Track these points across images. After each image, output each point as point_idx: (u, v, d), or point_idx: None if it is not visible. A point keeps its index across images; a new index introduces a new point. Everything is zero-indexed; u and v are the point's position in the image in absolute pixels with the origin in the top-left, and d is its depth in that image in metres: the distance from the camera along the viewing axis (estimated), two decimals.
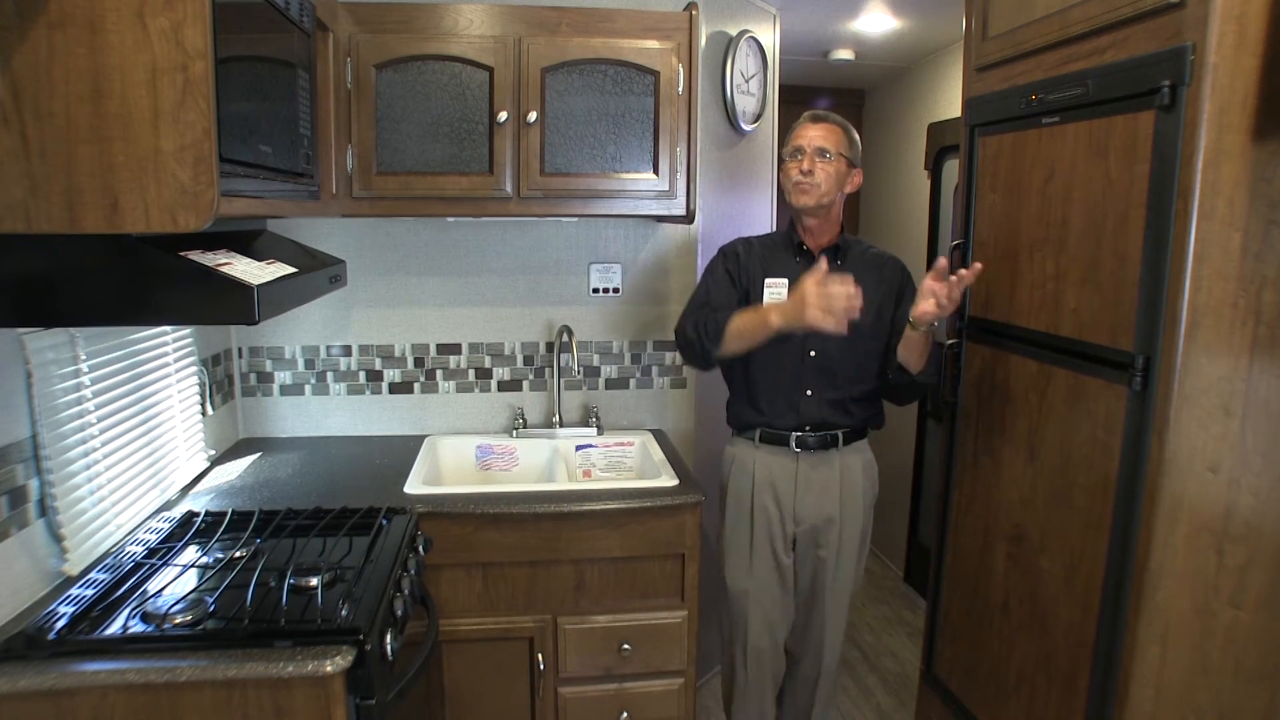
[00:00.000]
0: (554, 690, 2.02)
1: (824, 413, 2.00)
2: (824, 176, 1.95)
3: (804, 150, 1.97)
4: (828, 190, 1.96)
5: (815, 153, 1.96)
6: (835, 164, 1.96)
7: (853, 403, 2.02)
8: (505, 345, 2.54)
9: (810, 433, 2.01)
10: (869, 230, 4.20)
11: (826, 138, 1.97)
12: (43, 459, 1.45)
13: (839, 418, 2.01)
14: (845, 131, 2.01)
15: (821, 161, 1.95)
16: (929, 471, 3.51)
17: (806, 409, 2.00)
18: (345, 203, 2.04)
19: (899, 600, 3.59)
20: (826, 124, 2.00)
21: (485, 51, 2.04)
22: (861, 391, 2.03)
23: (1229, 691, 1.50)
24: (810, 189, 1.96)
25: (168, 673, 1.23)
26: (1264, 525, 1.46)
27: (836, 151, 1.96)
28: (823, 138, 1.97)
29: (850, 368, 2.00)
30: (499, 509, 1.91)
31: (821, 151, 1.96)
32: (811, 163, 1.95)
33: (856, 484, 2.05)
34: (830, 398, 2.00)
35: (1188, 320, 1.37)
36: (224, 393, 2.36)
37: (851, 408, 2.02)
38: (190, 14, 1.13)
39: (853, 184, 2.03)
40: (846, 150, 1.99)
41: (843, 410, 2.01)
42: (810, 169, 1.95)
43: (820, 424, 2.01)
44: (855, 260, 2.04)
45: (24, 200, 1.15)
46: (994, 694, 1.91)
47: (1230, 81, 1.30)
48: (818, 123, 2.00)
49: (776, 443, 2.03)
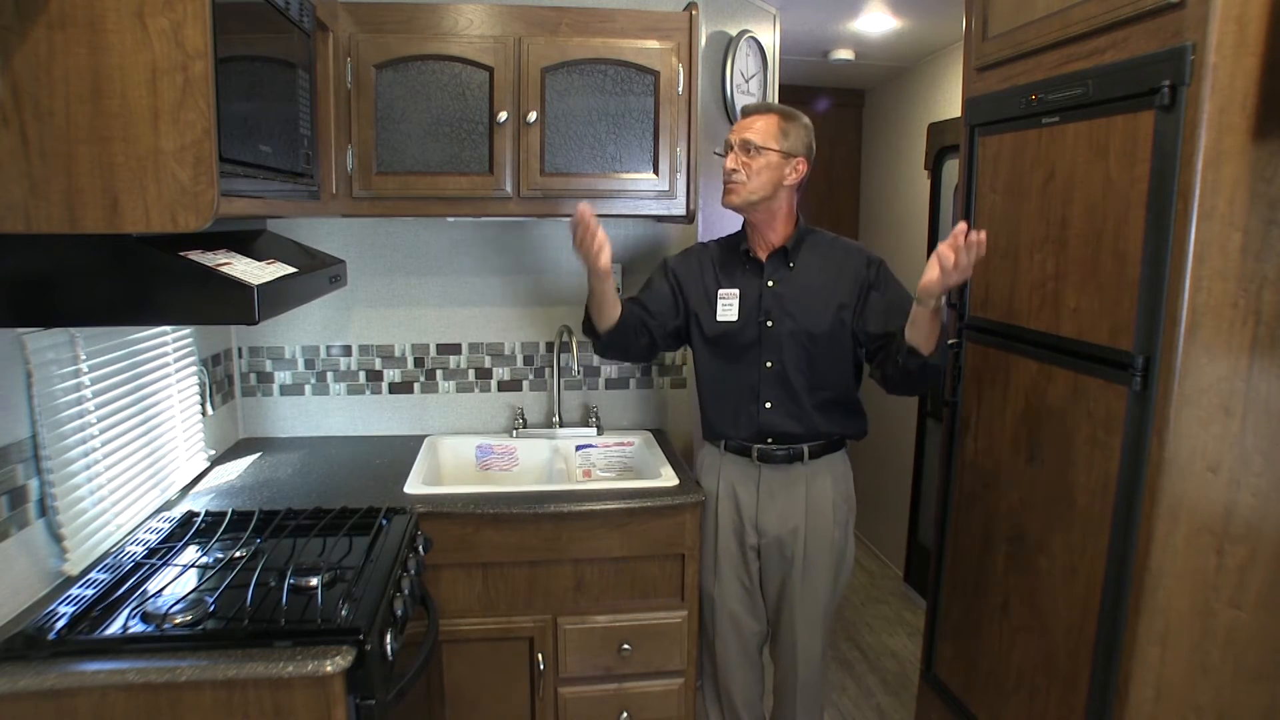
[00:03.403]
0: (554, 690, 2.02)
1: (786, 425, 1.91)
2: (751, 173, 1.84)
3: (731, 146, 1.87)
4: (757, 187, 1.85)
5: (740, 148, 1.85)
6: (765, 158, 1.84)
7: (818, 413, 1.91)
8: (505, 345, 2.54)
9: (774, 445, 1.92)
10: (869, 230, 4.20)
11: (755, 130, 1.85)
12: (43, 459, 1.45)
13: (803, 430, 1.91)
14: (782, 120, 1.87)
15: (747, 157, 1.84)
16: (929, 471, 3.51)
17: (767, 421, 1.92)
18: (345, 203, 2.04)
19: (899, 600, 3.59)
20: (759, 114, 1.88)
21: (485, 51, 2.04)
22: (825, 400, 1.92)
23: (1229, 691, 1.50)
24: (735, 188, 1.86)
25: (168, 673, 1.23)
26: (1264, 525, 1.46)
27: (765, 145, 1.84)
28: (750, 130, 1.85)
29: (811, 376, 1.90)
30: (499, 509, 1.91)
31: (746, 146, 1.84)
32: (735, 160, 1.85)
33: (825, 498, 1.93)
34: (791, 410, 1.91)
35: (1188, 320, 1.37)
36: (224, 393, 2.36)
37: (817, 419, 1.91)
38: (190, 14, 1.13)
39: (794, 175, 1.88)
40: (780, 141, 1.85)
41: (806, 422, 1.91)
42: (734, 166, 1.85)
43: (783, 436, 1.92)
44: (810, 258, 1.93)
45: (24, 200, 1.15)
46: (994, 694, 1.91)
47: (1230, 81, 1.31)
48: (750, 115, 1.90)
49: (740, 453, 1.96)
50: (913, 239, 3.64)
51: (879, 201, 4.08)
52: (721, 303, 1.96)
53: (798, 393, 1.91)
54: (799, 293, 1.91)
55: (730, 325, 1.94)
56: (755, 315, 1.93)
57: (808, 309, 1.89)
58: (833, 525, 1.95)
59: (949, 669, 2.12)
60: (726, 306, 1.95)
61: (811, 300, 1.90)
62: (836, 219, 4.30)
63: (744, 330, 1.94)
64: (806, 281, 1.92)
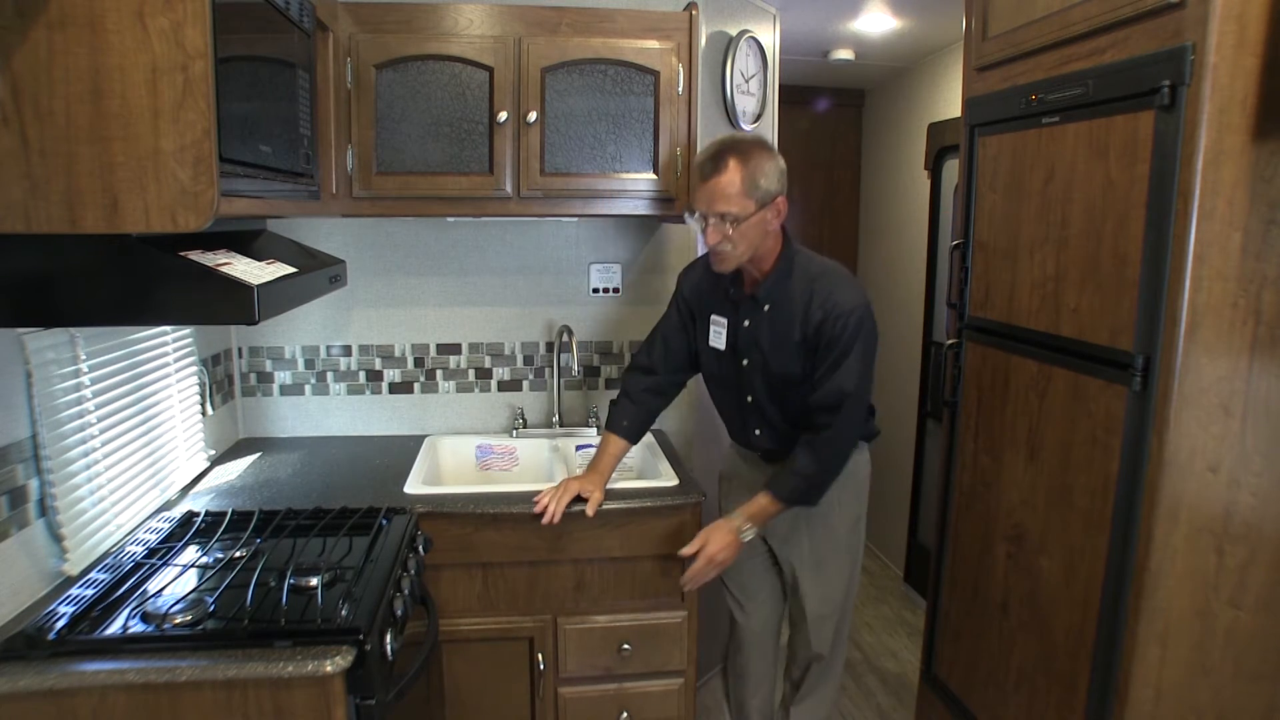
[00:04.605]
0: (554, 690, 2.02)
1: (779, 445, 1.94)
2: (738, 240, 1.75)
3: (706, 218, 1.76)
4: (745, 250, 1.77)
5: (717, 222, 1.74)
6: (746, 221, 1.73)
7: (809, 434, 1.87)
8: (505, 345, 2.54)
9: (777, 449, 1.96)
10: (869, 231, 4.21)
11: (726, 196, 1.71)
12: (43, 459, 1.45)
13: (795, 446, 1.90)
14: (746, 167, 1.71)
15: (730, 226, 1.73)
16: (929, 471, 3.51)
17: (760, 443, 1.98)
18: (345, 203, 2.04)
19: (899, 600, 3.59)
20: (720, 174, 1.72)
21: (485, 51, 2.04)
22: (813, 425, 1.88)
23: (1229, 691, 1.50)
24: (727, 257, 1.78)
25: (168, 673, 1.23)
26: (1264, 525, 1.46)
27: (742, 210, 1.72)
28: (721, 199, 1.72)
29: (791, 410, 1.90)
30: (499, 509, 1.91)
31: (723, 217, 1.73)
32: (718, 232, 1.74)
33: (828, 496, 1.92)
34: (778, 435, 1.94)
35: (1188, 320, 1.37)
36: (224, 393, 2.36)
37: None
38: (190, 14, 1.13)
39: (777, 218, 1.79)
40: (754, 193, 1.72)
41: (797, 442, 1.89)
42: (719, 239, 1.75)
43: (777, 453, 1.95)
44: (783, 296, 1.84)
45: (24, 200, 1.15)
46: (994, 694, 1.91)
47: (1230, 81, 1.31)
48: (709, 178, 1.73)
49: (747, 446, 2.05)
50: (913, 239, 3.64)
51: (879, 202, 4.08)
52: (713, 328, 1.97)
53: (781, 424, 1.92)
54: (769, 334, 1.87)
55: (719, 352, 1.97)
56: (733, 353, 1.94)
57: (777, 350, 1.86)
58: (837, 521, 1.98)
59: (949, 669, 2.12)
60: (717, 334, 1.96)
61: (781, 342, 1.85)
62: (836, 220, 4.30)
63: (726, 364, 1.97)
64: (777, 323, 1.85)
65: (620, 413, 2.05)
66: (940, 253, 3.39)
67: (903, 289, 3.75)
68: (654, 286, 2.56)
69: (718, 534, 1.86)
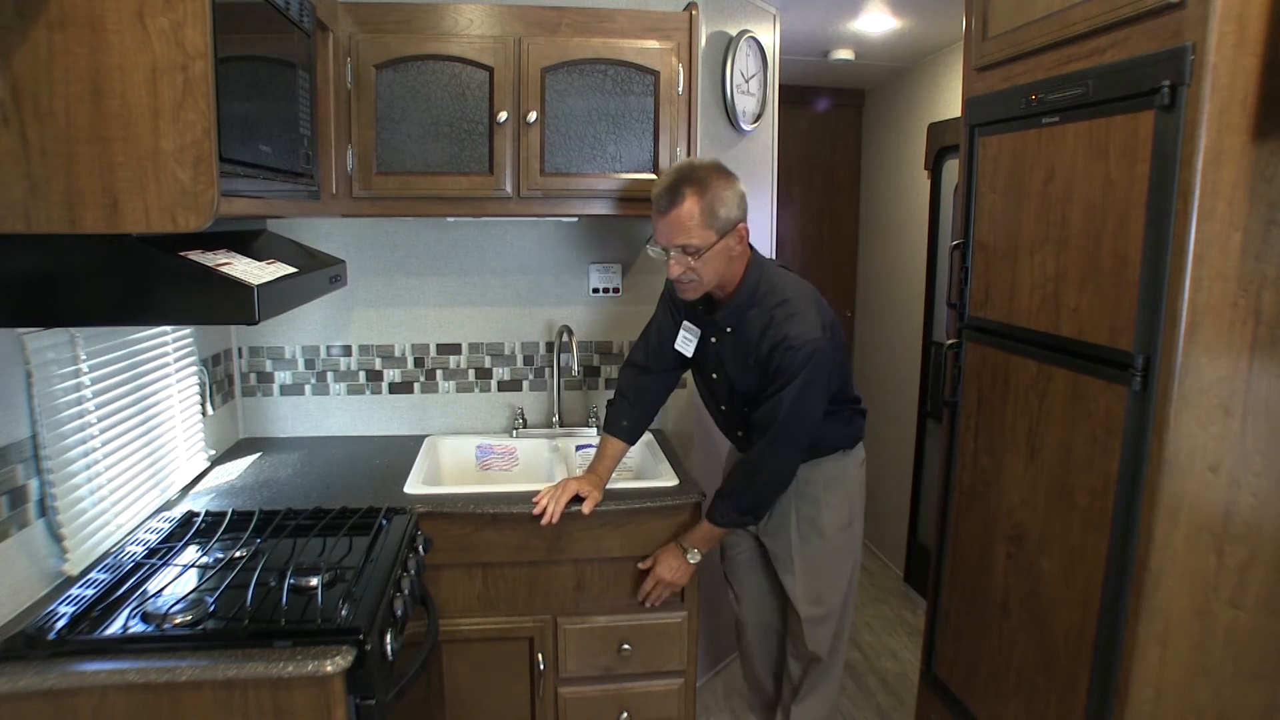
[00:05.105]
0: (554, 690, 2.02)
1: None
2: (701, 270, 1.76)
3: (667, 252, 1.77)
4: (711, 277, 1.79)
5: (678, 255, 1.75)
6: (706, 252, 1.74)
7: None
8: (505, 345, 2.54)
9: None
10: (869, 230, 4.21)
11: (685, 229, 1.72)
12: (43, 459, 1.45)
13: None
14: (703, 198, 1.71)
15: (691, 257, 1.74)
16: (929, 471, 3.51)
17: (745, 444, 2.00)
18: (345, 203, 2.04)
19: (899, 600, 3.59)
20: (677, 206, 1.72)
21: (485, 51, 2.04)
22: None
23: (1229, 691, 1.50)
24: (692, 287, 1.80)
25: (168, 673, 1.23)
26: (1264, 525, 1.46)
27: (703, 242, 1.72)
28: (682, 231, 1.72)
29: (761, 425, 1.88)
30: (499, 509, 1.91)
31: (684, 249, 1.74)
32: (680, 264, 1.76)
33: (816, 500, 1.96)
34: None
35: (1188, 320, 1.37)
36: (224, 393, 2.36)
37: None
38: (190, 14, 1.13)
39: (740, 243, 1.79)
40: (713, 223, 1.72)
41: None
42: (682, 271, 1.76)
43: None
44: (742, 326, 1.85)
45: (24, 200, 1.15)
46: (994, 694, 1.91)
47: (1230, 81, 1.30)
48: (665, 211, 1.73)
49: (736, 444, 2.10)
50: (913, 239, 3.64)
51: (879, 202, 4.08)
52: (683, 333, 1.99)
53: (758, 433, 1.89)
54: (732, 354, 1.90)
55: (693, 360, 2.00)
56: (705, 364, 1.98)
57: (742, 370, 1.88)
58: (825, 524, 1.98)
59: (949, 669, 2.12)
60: (685, 340, 1.99)
61: (742, 363, 1.87)
62: (836, 220, 4.30)
63: (700, 373, 2.02)
64: (740, 346, 1.87)
65: (617, 414, 2.06)
66: (940, 253, 3.39)
67: (903, 289, 3.75)
68: (654, 286, 2.55)
69: (667, 556, 1.95)
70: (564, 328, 2.43)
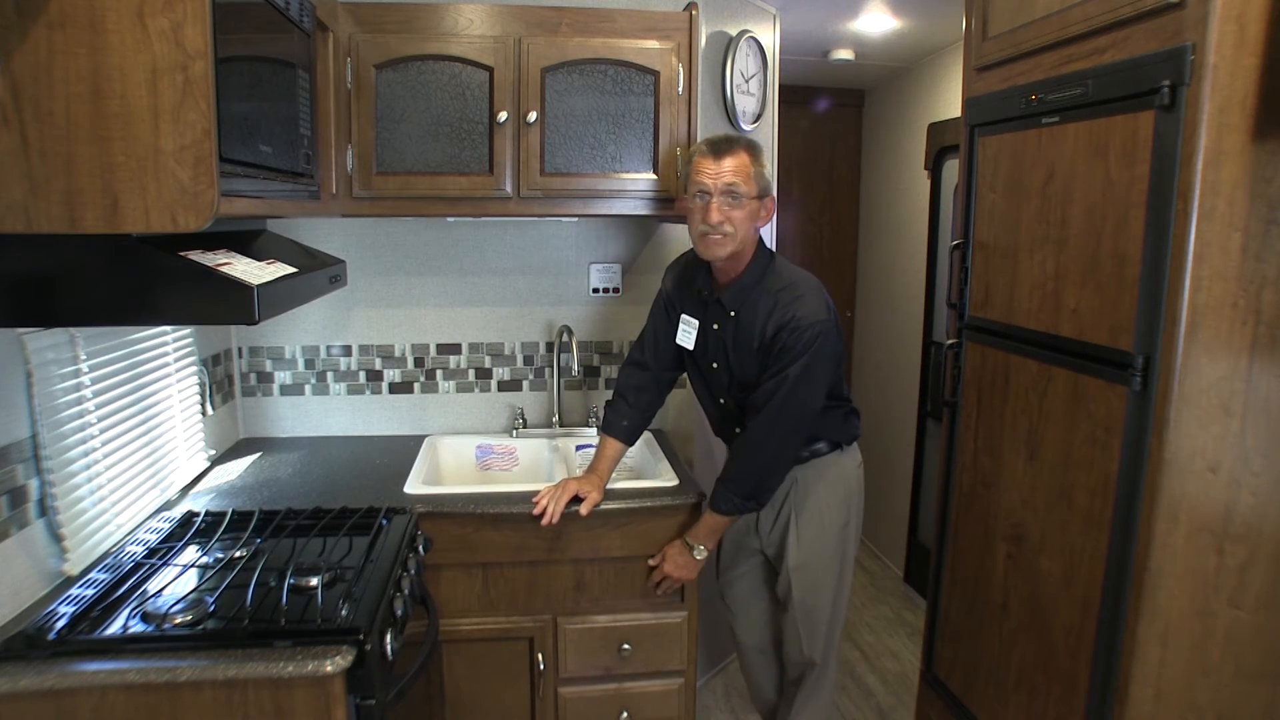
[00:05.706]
0: (554, 690, 2.02)
1: None
2: (737, 224, 1.74)
3: (709, 193, 1.74)
4: (742, 238, 1.76)
5: (723, 197, 1.73)
6: (746, 206, 1.74)
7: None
8: (505, 345, 2.54)
9: None
10: (869, 230, 4.20)
11: (736, 173, 1.72)
12: (43, 459, 1.45)
13: None
14: (753, 157, 1.76)
15: (731, 207, 1.73)
16: (929, 471, 3.51)
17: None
18: (345, 203, 2.04)
19: (899, 600, 3.59)
20: (733, 155, 1.74)
21: (485, 51, 2.04)
22: None
23: (1229, 691, 1.50)
24: (723, 241, 1.75)
25: (168, 673, 1.23)
26: (1264, 525, 1.46)
27: (747, 191, 1.74)
28: (731, 173, 1.72)
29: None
30: (499, 509, 1.91)
31: (731, 193, 1.72)
32: (721, 212, 1.73)
33: (815, 499, 1.96)
34: None
35: (1188, 320, 1.37)
36: (224, 393, 2.36)
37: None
38: (190, 14, 1.13)
39: (766, 216, 1.81)
40: (757, 183, 1.76)
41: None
42: (720, 219, 1.73)
43: None
44: (748, 308, 1.84)
45: (24, 200, 1.15)
46: (994, 694, 1.91)
47: (1230, 81, 1.30)
48: (722, 155, 1.74)
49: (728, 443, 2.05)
50: (913, 239, 3.64)
51: (879, 202, 4.08)
52: (683, 327, 1.98)
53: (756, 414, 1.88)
54: (734, 340, 1.88)
55: (691, 353, 1.98)
56: (703, 354, 1.96)
57: (740, 356, 1.88)
58: (824, 526, 1.97)
59: (949, 669, 2.12)
60: (685, 333, 1.98)
61: (744, 349, 1.86)
62: (836, 220, 4.30)
63: (698, 364, 1.99)
64: (743, 330, 1.85)
65: (616, 414, 2.06)
66: (940, 253, 3.38)
67: (903, 289, 3.75)
68: (654, 286, 2.54)
69: (674, 554, 1.95)
70: (564, 328, 2.43)
